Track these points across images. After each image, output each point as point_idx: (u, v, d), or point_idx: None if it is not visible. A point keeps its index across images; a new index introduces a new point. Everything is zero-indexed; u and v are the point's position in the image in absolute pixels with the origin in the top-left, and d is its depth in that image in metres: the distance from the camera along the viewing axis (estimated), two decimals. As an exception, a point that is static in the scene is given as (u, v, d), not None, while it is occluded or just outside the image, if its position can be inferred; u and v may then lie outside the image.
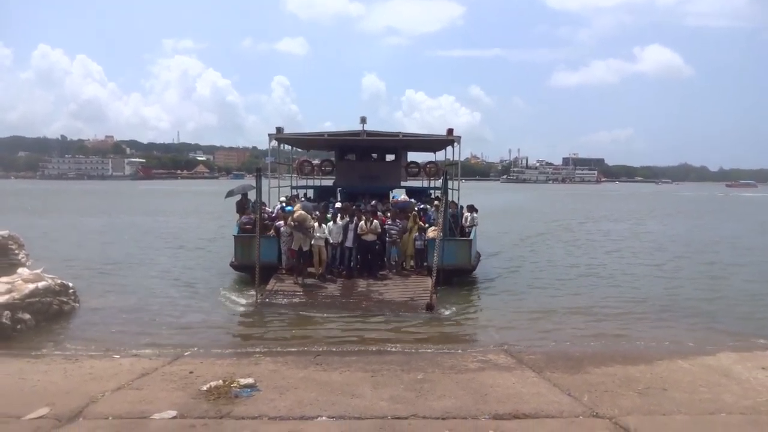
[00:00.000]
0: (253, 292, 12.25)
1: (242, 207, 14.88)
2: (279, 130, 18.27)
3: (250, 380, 6.43)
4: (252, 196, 15.20)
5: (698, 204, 65.88)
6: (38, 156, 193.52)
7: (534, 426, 5.11)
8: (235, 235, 14.47)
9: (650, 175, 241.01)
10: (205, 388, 6.16)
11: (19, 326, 9.86)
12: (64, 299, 11.51)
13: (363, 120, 18.42)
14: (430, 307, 11.57)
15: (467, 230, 15.53)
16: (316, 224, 13.41)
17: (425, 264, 13.72)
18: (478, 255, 16.13)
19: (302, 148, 26.04)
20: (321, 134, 19.40)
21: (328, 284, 13.31)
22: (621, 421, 5.28)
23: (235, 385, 6.26)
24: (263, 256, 12.60)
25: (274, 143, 19.17)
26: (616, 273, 17.28)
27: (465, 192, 19.34)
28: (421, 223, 14.76)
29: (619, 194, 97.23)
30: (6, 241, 17.44)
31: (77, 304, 11.82)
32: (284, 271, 13.70)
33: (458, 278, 14.37)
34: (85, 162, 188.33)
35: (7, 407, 5.51)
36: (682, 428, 5.08)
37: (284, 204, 17.33)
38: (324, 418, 5.30)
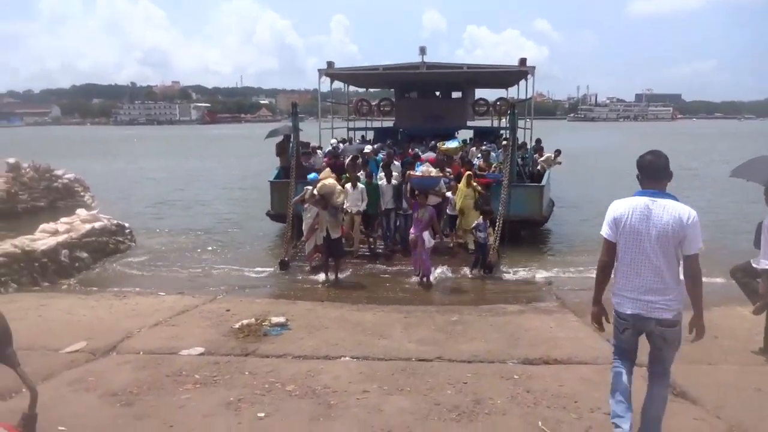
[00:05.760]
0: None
1: (283, 149, 13.60)
2: (330, 64, 17.44)
3: (281, 319, 6.44)
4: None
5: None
6: (111, 102, 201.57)
7: (562, 372, 4.87)
8: (270, 181, 13.14)
9: (732, 110, 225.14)
10: (237, 325, 6.23)
11: (77, 264, 10.35)
12: (120, 239, 12.00)
13: (422, 51, 16.82)
14: (489, 267, 9.78)
15: (536, 172, 13.82)
16: (349, 186, 10.50)
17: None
18: (552, 203, 14.15)
19: (358, 86, 24.96)
20: (376, 68, 17.74)
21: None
22: (660, 369, 4.94)
23: (266, 323, 6.29)
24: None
25: (326, 80, 18.50)
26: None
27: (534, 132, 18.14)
28: (480, 187, 10.81)
29: (680, 132, 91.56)
30: (72, 183, 18.30)
31: (133, 244, 12.30)
32: (309, 263, 10.30)
33: (527, 231, 12.72)
34: (154, 107, 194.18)
35: (50, 341, 5.75)
36: (726, 378, 4.71)
37: (334, 146, 16.91)
38: (347, 358, 5.24)
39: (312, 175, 9.86)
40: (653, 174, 3.38)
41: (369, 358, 5.23)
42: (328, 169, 10.16)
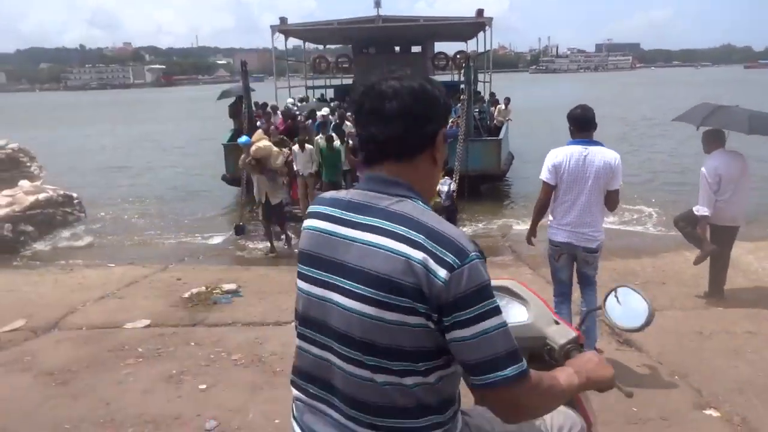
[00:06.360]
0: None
1: (236, 111, 13.12)
2: (283, 20, 16.90)
3: (232, 286, 6.31)
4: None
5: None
6: (60, 67, 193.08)
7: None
8: (224, 144, 12.69)
9: (689, 58, 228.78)
10: (186, 295, 6.07)
11: (22, 238, 9.94)
12: (69, 210, 11.54)
13: (377, 3, 16.46)
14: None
15: (494, 126, 13.84)
16: (297, 148, 10.13)
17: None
18: (511, 157, 14.10)
19: (315, 43, 24.37)
20: (331, 23, 17.38)
21: None
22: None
23: (217, 291, 6.15)
24: None
25: (280, 37, 17.90)
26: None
27: (494, 86, 17.89)
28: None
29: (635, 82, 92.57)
30: (17, 153, 17.46)
31: (83, 215, 11.85)
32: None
33: (486, 185, 12.71)
34: (106, 71, 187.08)
35: (-14, 320, 5.50)
36: (670, 324, 4.79)
37: (290, 105, 16.47)
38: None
39: (243, 139, 9.02)
40: (583, 125, 3.87)
41: (320, 321, 5.15)
42: (260, 131, 9.41)
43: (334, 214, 1.30)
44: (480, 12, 15.66)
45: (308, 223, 1.35)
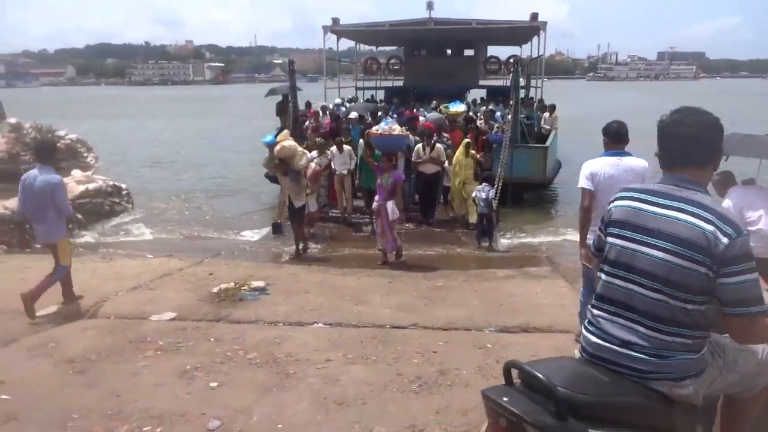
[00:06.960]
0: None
1: (283, 109, 13.23)
2: (335, 21, 17.05)
3: (260, 283, 6.30)
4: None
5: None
6: (125, 62, 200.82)
7: (539, 341, 4.69)
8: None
9: (757, 69, 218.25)
10: (215, 290, 6.11)
11: (70, 226, 10.24)
12: (117, 200, 11.90)
13: (429, 6, 16.39)
14: (490, 235, 9.29)
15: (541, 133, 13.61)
16: (334, 149, 10.21)
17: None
18: (558, 165, 13.71)
19: (366, 44, 24.50)
20: (382, 24, 17.60)
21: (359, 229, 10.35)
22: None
23: (245, 287, 6.16)
24: None
25: (332, 37, 18.01)
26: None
27: (546, 93, 17.42)
28: (478, 155, 10.42)
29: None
30: (74, 144, 18.16)
31: (130, 206, 12.20)
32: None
33: (530, 193, 12.43)
34: (167, 67, 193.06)
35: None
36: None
37: (338, 105, 16.52)
38: (320, 324, 5.10)
39: (268, 138, 8.67)
40: (617, 138, 4.32)
41: (342, 324, 5.09)
42: (286, 131, 9.13)
43: (644, 198, 2.04)
44: (534, 16, 15.36)
45: (620, 203, 2.11)
